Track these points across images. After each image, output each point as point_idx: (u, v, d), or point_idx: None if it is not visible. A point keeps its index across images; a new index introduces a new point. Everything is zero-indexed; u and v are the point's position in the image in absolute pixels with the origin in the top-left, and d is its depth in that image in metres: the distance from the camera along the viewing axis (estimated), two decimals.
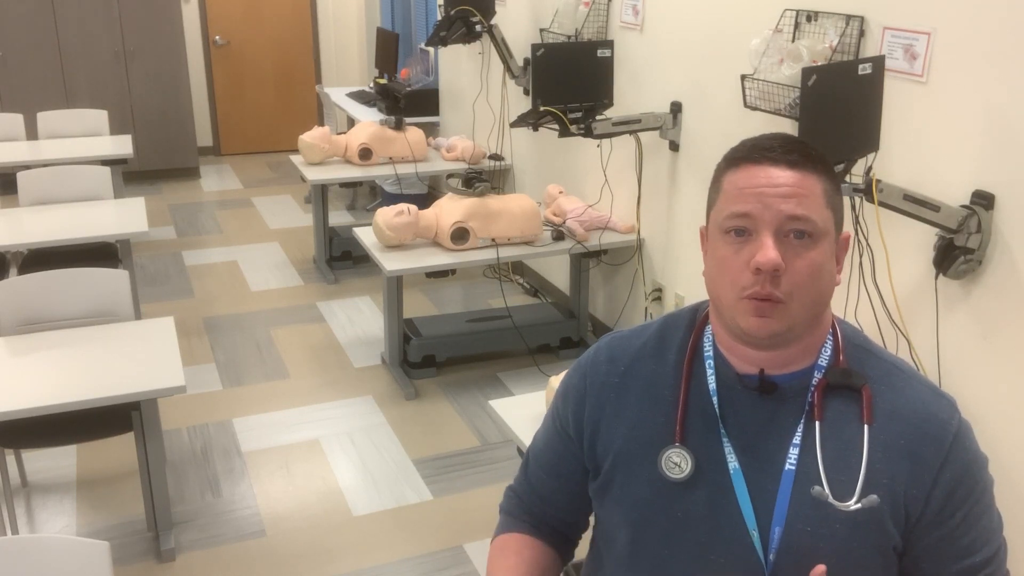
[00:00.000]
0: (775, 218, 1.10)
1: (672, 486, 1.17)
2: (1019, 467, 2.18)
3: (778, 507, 1.12)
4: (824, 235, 1.11)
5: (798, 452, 1.13)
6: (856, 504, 1.11)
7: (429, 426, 3.55)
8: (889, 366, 1.19)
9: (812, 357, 1.18)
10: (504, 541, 1.39)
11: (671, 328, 1.28)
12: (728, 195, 1.14)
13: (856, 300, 2.54)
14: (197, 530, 2.90)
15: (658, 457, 1.19)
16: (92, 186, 4.09)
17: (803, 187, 1.10)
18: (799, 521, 1.12)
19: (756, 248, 1.10)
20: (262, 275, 5.09)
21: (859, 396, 1.15)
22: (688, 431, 1.19)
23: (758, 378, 1.16)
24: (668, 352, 1.26)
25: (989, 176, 2.19)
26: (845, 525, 1.11)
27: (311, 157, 4.88)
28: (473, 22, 4.31)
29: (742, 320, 1.12)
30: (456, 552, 2.82)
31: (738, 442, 1.17)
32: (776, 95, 2.59)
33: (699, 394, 1.20)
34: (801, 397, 1.16)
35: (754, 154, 1.14)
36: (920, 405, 1.15)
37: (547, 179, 4.52)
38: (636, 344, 1.29)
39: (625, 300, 4.01)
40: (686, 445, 1.18)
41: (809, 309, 1.12)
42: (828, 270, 1.13)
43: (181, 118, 6.93)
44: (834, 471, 1.12)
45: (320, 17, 7.87)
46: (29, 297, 2.83)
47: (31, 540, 1.63)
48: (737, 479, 1.15)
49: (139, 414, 2.61)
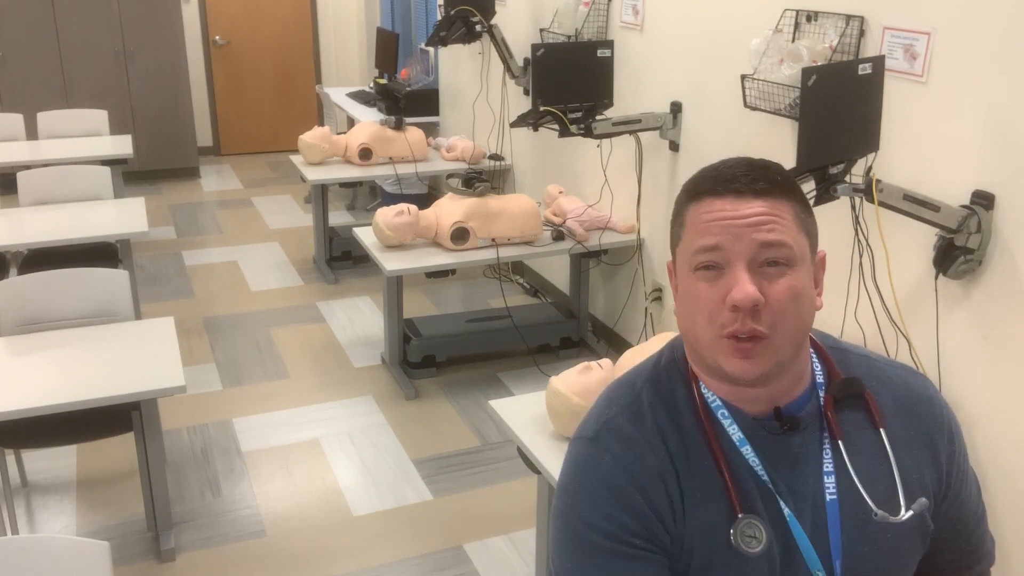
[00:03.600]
0: (747, 248, 1.02)
1: (750, 561, 1.07)
2: (1019, 467, 2.18)
3: (832, 540, 1.09)
4: (800, 260, 1.05)
5: (834, 479, 1.10)
6: (908, 513, 1.09)
7: (429, 426, 3.55)
8: (866, 360, 1.19)
9: (808, 376, 1.14)
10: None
11: (664, 389, 1.15)
12: (694, 229, 1.06)
13: (856, 300, 2.54)
14: (197, 530, 2.90)
15: (730, 535, 1.07)
16: (92, 186, 4.09)
17: (773, 213, 1.03)
18: (856, 546, 1.10)
19: (731, 283, 1.02)
20: (262, 275, 5.09)
21: (863, 401, 1.14)
22: (743, 496, 1.08)
23: (773, 418, 1.11)
24: (682, 417, 1.12)
25: (989, 176, 2.19)
26: (899, 534, 1.11)
27: (311, 157, 4.88)
28: (473, 22, 4.31)
29: (725, 363, 1.05)
30: (456, 552, 2.82)
31: (780, 486, 1.10)
32: (776, 95, 2.59)
33: (732, 450, 1.10)
34: (815, 422, 1.13)
35: (717, 187, 1.06)
36: (908, 389, 1.16)
37: (547, 179, 4.52)
38: (646, 419, 1.13)
39: (625, 300, 4.01)
40: (751, 512, 1.08)
41: (793, 339, 1.05)
42: (808, 295, 1.06)
43: (181, 118, 6.93)
44: (871, 484, 1.10)
45: (320, 17, 7.86)
46: (29, 297, 2.83)
47: (31, 540, 1.64)
48: (794, 525, 1.09)
49: (139, 414, 2.61)
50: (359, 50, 7.36)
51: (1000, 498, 2.21)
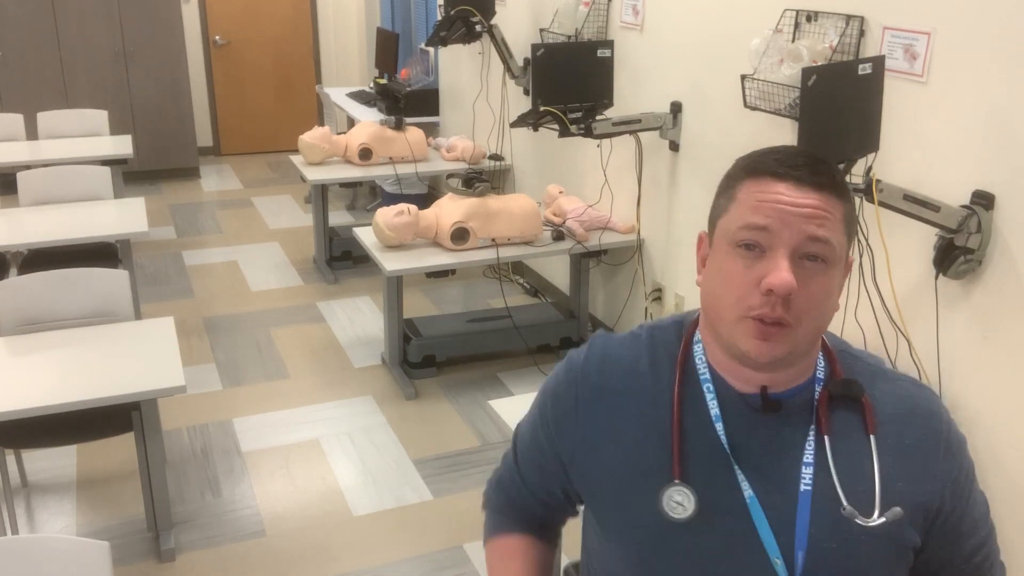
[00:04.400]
0: (794, 237, 1.03)
1: (677, 525, 1.11)
2: (1019, 467, 2.18)
3: (799, 531, 1.09)
4: (838, 261, 1.06)
5: (812, 471, 1.10)
6: (880, 519, 1.08)
7: (429, 426, 3.55)
8: (873, 368, 1.18)
9: (810, 371, 1.15)
10: (502, 546, 1.36)
11: (660, 344, 1.20)
12: (744, 205, 1.06)
13: (856, 300, 2.54)
14: (197, 530, 2.90)
15: (658, 495, 1.11)
16: (92, 186, 4.09)
17: (827, 209, 1.04)
18: (822, 541, 1.09)
19: (769, 267, 1.03)
20: (262, 275, 5.09)
21: (859, 405, 1.13)
22: (692, 464, 1.12)
23: (760, 397, 1.12)
24: (662, 371, 1.18)
25: (989, 176, 2.19)
26: (869, 539, 1.09)
27: (311, 157, 4.88)
28: (473, 22, 4.31)
29: (742, 341, 1.06)
30: (456, 552, 2.82)
31: (749, 467, 1.11)
32: (776, 95, 2.59)
33: (700, 422, 1.13)
34: (805, 413, 1.13)
35: (779, 168, 1.06)
36: (911, 401, 1.15)
37: (547, 179, 4.52)
38: (629, 357, 1.21)
39: (625, 300, 4.01)
40: (688, 482, 1.11)
41: (812, 334, 1.08)
42: (835, 296, 1.08)
43: (181, 118, 6.93)
44: (850, 485, 1.10)
45: (320, 17, 7.87)
46: (29, 297, 2.83)
47: (31, 540, 1.63)
48: (754, 507, 1.10)
49: (139, 414, 2.61)
50: (359, 50, 7.36)
51: (1000, 498, 2.21)
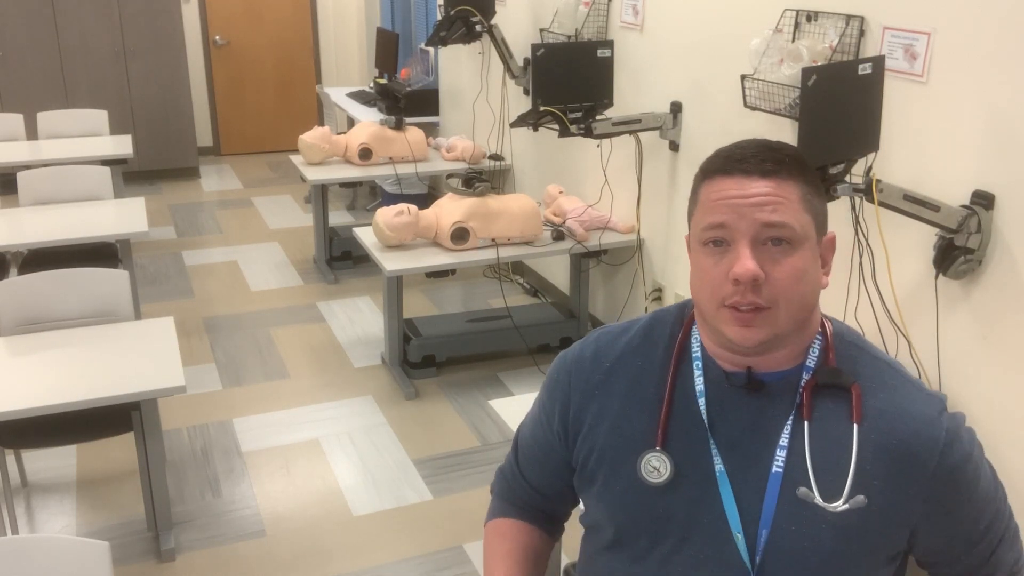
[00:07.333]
0: (750, 227, 1.09)
1: (651, 490, 1.17)
2: (1019, 467, 2.18)
3: (765, 509, 1.12)
4: (804, 240, 1.10)
5: (785, 453, 1.13)
6: (843, 505, 1.10)
7: (429, 426, 3.55)
8: (883, 365, 1.18)
9: (800, 358, 1.17)
10: (498, 526, 1.42)
11: (658, 325, 1.27)
12: (704, 206, 1.14)
13: (856, 300, 2.54)
14: (197, 530, 2.90)
15: (638, 460, 1.18)
16: (92, 186, 4.09)
17: (778, 194, 1.09)
18: (786, 523, 1.11)
19: (734, 259, 1.09)
20: (262, 275, 5.09)
21: (849, 396, 1.14)
22: (672, 434, 1.19)
23: (745, 375, 1.16)
24: (655, 349, 1.25)
25: (989, 176, 2.19)
26: (832, 527, 1.10)
27: (311, 157, 4.88)
28: (473, 22, 4.31)
29: (726, 330, 1.12)
30: (456, 552, 2.82)
31: (724, 443, 1.16)
32: (776, 95, 2.59)
33: (685, 395, 1.19)
34: (789, 396, 1.15)
35: (727, 165, 1.13)
36: (911, 404, 1.14)
37: (547, 179, 4.52)
38: (622, 340, 1.28)
39: (625, 300, 4.01)
40: (667, 449, 1.18)
41: (794, 315, 1.11)
42: (811, 274, 1.12)
43: (181, 118, 6.93)
44: (823, 472, 1.11)
45: (320, 17, 7.87)
46: (29, 297, 2.83)
47: (31, 540, 1.63)
48: (723, 481, 1.14)
49: (139, 414, 2.61)
50: (359, 50, 7.36)
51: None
